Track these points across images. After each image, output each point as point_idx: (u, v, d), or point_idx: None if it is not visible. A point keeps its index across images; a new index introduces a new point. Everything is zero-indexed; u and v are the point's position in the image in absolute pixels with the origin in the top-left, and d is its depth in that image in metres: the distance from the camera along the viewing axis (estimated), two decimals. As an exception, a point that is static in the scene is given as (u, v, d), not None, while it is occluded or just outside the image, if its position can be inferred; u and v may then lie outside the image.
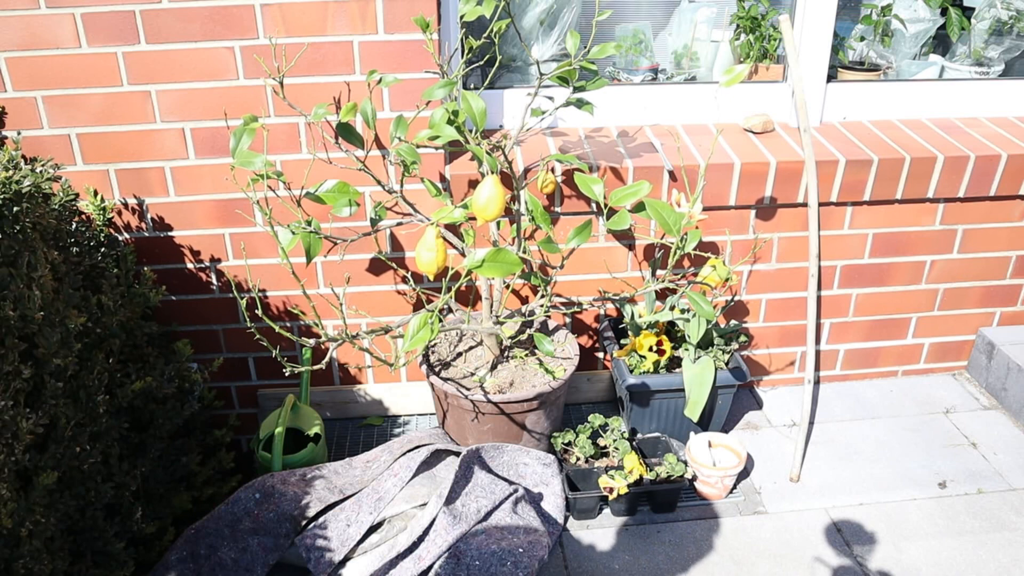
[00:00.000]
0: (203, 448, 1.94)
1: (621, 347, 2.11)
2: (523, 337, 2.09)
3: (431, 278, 2.12)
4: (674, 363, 2.11)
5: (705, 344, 2.08)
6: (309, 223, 1.62)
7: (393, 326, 1.72)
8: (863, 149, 2.10)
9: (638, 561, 1.83)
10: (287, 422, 1.95)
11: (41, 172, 1.51)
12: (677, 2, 2.41)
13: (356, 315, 2.15)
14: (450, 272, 1.54)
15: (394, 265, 1.99)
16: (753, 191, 2.07)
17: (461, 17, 1.70)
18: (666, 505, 1.95)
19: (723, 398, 2.07)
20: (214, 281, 2.06)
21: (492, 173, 1.53)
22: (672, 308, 2.09)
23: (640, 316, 2.08)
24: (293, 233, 1.61)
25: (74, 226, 1.70)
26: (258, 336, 1.48)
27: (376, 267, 2.09)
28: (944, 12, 2.48)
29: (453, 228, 2.04)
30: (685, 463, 1.95)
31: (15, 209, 1.39)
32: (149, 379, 1.70)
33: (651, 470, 1.95)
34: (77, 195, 1.77)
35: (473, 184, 1.98)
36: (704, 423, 2.13)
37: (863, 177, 2.08)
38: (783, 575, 1.79)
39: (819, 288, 2.27)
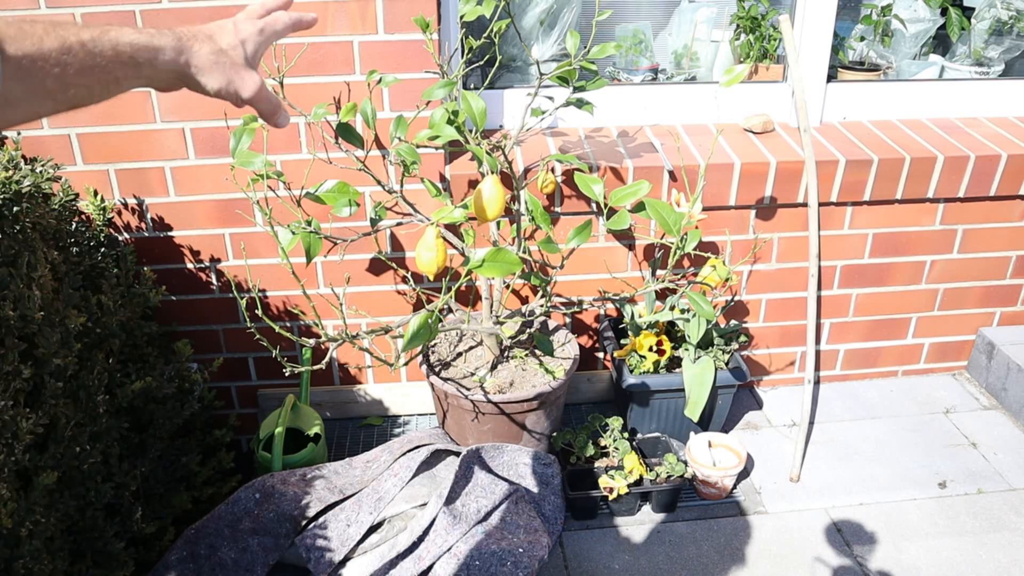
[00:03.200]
0: (203, 448, 1.94)
1: (621, 347, 2.11)
2: (523, 337, 2.09)
3: (431, 278, 2.12)
4: (674, 363, 2.11)
5: (705, 344, 2.08)
6: (309, 223, 1.62)
7: (393, 326, 1.72)
8: (863, 149, 2.10)
9: (638, 561, 1.83)
10: (287, 422, 1.95)
11: (41, 172, 1.51)
12: (677, 2, 2.41)
13: (356, 315, 2.15)
14: (450, 272, 1.54)
15: (394, 265, 1.99)
16: (753, 191, 2.07)
17: (461, 17, 1.70)
18: (666, 505, 1.95)
19: (723, 398, 2.07)
20: (214, 281, 2.06)
21: (492, 173, 1.53)
22: (672, 308, 2.09)
23: (640, 316, 2.08)
24: (293, 233, 1.61)
25: (74, 226, 1.70)
26: (258, 336, 1.48)
27: (376, 267, 2.09)
28: (944, 12, 2.48)
29: (453, 228, 2.04)
30: (685, 463, 1.95)
31: (15, 209, 1.39)
32: (149, 379, 1.70)
33: (651, 470, 1.95)
34: (77, 195, 1.77)
35: (473, 184, 1.98)
36: (704, 423, 2.13)
37: (863, 177, 2.08)
38: (783, 575, 1.79)
39: (819, 288, 2.27)
